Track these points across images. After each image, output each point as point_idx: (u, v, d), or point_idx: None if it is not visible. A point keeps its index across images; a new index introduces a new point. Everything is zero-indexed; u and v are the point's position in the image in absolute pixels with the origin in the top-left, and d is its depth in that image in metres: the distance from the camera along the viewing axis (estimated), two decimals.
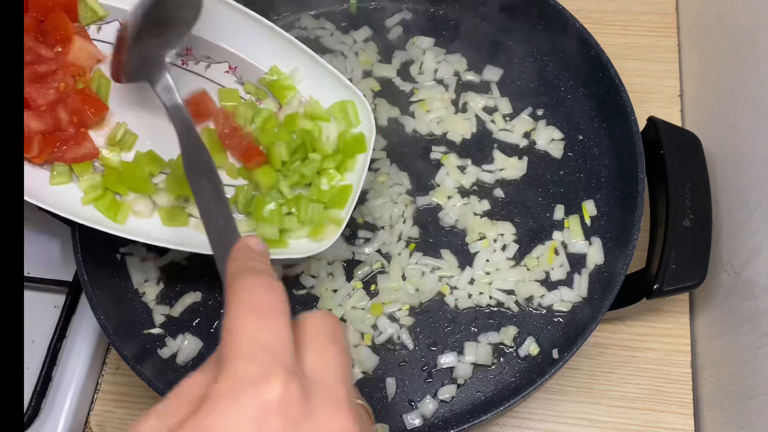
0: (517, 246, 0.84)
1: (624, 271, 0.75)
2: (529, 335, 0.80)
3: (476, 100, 0.93)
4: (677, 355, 0.86)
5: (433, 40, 0.98)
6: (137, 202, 0.75)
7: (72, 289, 0.89)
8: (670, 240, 0.75)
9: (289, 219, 0.76)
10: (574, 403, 0.84)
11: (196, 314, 0.84)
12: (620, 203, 0.84)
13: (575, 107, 0.92)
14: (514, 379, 0.78)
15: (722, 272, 0.83)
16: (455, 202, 0.87)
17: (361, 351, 0.80)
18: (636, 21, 1.07)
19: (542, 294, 0.82)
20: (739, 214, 0.80)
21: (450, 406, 0.78)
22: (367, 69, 0.97)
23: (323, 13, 1.02)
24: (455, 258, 0.84)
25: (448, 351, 0.80)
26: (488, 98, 0.93)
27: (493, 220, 0.86)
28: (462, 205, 0.87)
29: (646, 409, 0.83)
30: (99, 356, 0.89)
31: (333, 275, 0.84)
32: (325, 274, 0.84)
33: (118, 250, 0.86)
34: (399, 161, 0.90)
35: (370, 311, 0.82)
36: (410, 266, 0.84)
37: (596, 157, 0.89)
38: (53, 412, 0.83)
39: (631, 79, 0.98)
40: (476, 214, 0.86)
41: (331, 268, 0.84)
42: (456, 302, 0.82)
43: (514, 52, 0.96)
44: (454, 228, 0.86)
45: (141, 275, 0.85)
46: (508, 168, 0.89)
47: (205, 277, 0.85)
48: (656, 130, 0.82)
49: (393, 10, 1.01)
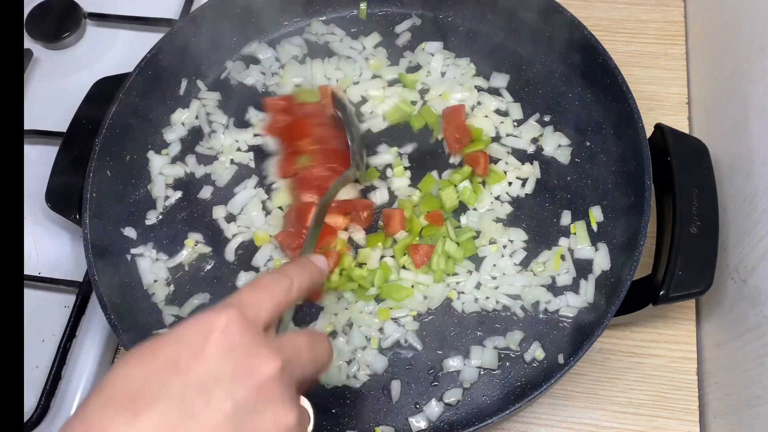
0: (525, 252, 0.85)
1: (630, 277, 0.75)
2: (535, 340, 0.80)
3: (489, 103, 0.94)
4: (683, 361, 0.86)
5: (441, 44, 0.99)
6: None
7: (82, 290, 0.89)
8: (676, 246, 0.76)
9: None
10: (579, 409, 0.84)
11: None
12: (627, 209, 0.85)
13: (583, 114, 0.92)
14: (519, 384, 0.79)
15: (729, 279, 0.83)
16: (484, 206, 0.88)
17: (368, 353, 0.80)
18: (644, 29, 1.08)
19: (548, 299, 0.82)
20: (746, 221, 0.80)
21: (455, 410, 0.78)
22: (377, 74, 0.98)
23: (333, 18, 1.03)
24: (469, 261, 0.85)
25: (454, 355, 0.80)
26: (500, 101, 0.94)
27: (506, 226, 0.87)
28: (486, 210, 0.88)
29: (652, 416, 0.83)
30: (108, 356, 0.90)
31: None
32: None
33: (129, 251, 0.87)
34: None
35: (377, 316, 0.82)
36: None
37: (603, 164, 0.89)
38: (62, 411, 0.84)
39: (639, 87, 0.99)
40: (497, 219, 0.87)
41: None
42: (463, 306, 0.82)
43: (522, 59, 0.97)
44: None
45: (151, 276, 0.86)
46: (523, 174, 0.90)
47: (214, 279, 0.86)
48: (663, 137, 0.82)
49: (402, 16, 1.02)
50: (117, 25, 1.12)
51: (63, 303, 0.91)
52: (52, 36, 1.09)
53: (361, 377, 0.80)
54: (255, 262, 0.87)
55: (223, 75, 1.00)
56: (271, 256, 0.87)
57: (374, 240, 0.85)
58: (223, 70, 1.00)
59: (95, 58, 1.10)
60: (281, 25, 1.03)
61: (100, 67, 1.07)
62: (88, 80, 0.94)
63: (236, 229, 0.89)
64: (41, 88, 1.08)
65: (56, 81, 1.08)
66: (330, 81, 0.98)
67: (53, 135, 0.99)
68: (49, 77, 1.09)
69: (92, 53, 1.11)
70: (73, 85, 1.02)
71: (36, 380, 0.85)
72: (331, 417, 0.78)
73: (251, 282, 0.55)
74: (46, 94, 1.07)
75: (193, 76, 0.98)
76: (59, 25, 1.10)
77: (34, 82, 1.09)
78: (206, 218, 0.90)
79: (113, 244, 0.86)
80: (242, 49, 1.01)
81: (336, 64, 0.99)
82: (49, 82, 1.08)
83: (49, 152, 0.94)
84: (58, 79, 1.09)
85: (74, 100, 0.92)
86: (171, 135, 0.95)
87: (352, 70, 0.98)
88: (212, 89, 0.99)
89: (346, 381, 0.80)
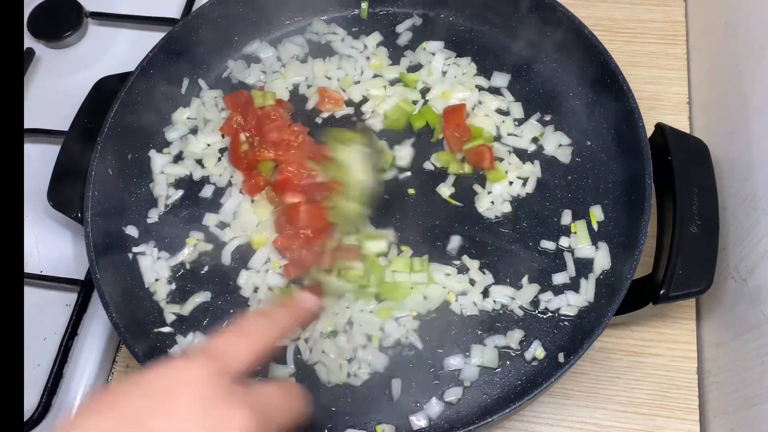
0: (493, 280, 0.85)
1: (630, 276, 0.75)
2: (535, 339, 0.81)
3: (491, 102, 0.94)
4: (683, 361, 0.86)
5: (442, 43, 0.99)
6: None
7: (84, 288, 0.90)
8: (676, 246, 0.76)
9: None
10: (579, 408, 0.84)
11: (206, 313, 0.85)
12: (627, 209, 0.85)
13: (583, 113, 0.93)
14: (519, 382, 0.79)
15: (729, 279, 0.83)
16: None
17: (368, 352, 0.81)
18: (645, 29, 1.08)
19: (549, 298, 0.82)
20: (746, 220, 0.80)
21: (456, 408, 0.78)
22: (378, 73, 0.98)
23: (334, 18, 1.03)
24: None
25: (454, 353, 0.80)
26: (501, 101, 0.94)
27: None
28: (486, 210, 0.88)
29: (652, 415, 0.83)
30: (110, 354, 0.90)
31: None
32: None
33: (130, 250, 0.88)
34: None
35: (377, 314, 0.82)
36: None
37: (604, 163, 0.89)
38: (64, 409, 0.84)
39: (639, 86, 0.99)
40: (497, 216, 0.87)
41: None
42: (461, 308, 0.83)
43: (523, 58, 0.97)
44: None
45: (152, 274, 0.87)
46: (523, 173, 0.90)
47: (215, 278, 0.86)
48: (664, 137, 0.82)
49: (403, 16, 1.02)
50: (119, 24, 1.12)
51: (65, 301, 0.91)
52: (54, 35, 1.10)
53: (362, 375, 0.80)
54: (252, 265, 0.87)
55: (224, 74, 1.00)
56: (269, 258, 0.87)
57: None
58: (224, 69, 1.00)
59: (97, 57, 1.10)
60: (282, 25, 1.03)
61: (102, 66, 1.07)
62: (89, 79, 0.94)
63: (231, 233, 0.89)
64: (43, 87, 1.08)
65: (58, 80, 1.09)
66: (331, 80, 0.98)
67: (55, 134, 1.00)
68: (51, 76, 1.09)
69: (94, 52, 1.11)
70: (75, 84, 1.02)
71: (38, 378, 0.85)
72: (332, 415, 0.78)
73: (230, 327, 0.53)
74: (48, 93, 1.07)
75: (195, 75, 0.99)
76: (61, 24, 1.10)
77: (36, 81, 1.09)
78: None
79: (115, 242, 0.87)
80: (243, 49, 1.01)
81: (337, 63, 0.99)
82: (51, 81, 1.09)
83: (51, 151, 0.94)
84: (60, 78, 1.09)
85: (76, 99, 0.92)
86: (172, 134, 0.95)
87: (353, 70, 0.98)
88: (213, 88, 0.99)
89: (347, 379, 0.80)
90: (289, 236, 0.86)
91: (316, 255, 0.82)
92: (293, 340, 0.82)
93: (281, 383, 0.55)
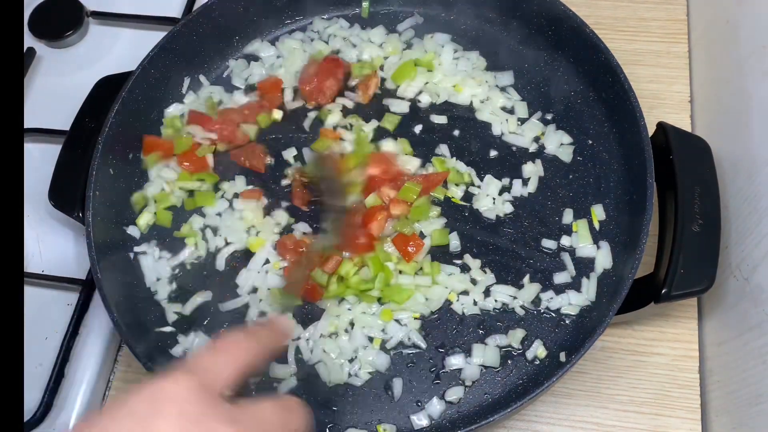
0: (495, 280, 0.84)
1: (632, 275, 0.75)
2: (536, 338, 0.81)
3: (497, 99, 0.94)
4: (685, 360, 0.86)
5: (449, 36, 0.99)
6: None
7: (85, 287, 0.90)
8: (678, 245, 0.76)
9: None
10: (581, 407, 0.84)
11: (207, 313, 0.85)
12: (629, 208, 0.85)
13: (585, 112, 0.92)
14: (521, 382, 0.79)
15: (731, 278, 0.83)
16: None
17: (370, 351, 0.81)
18: (647, 27, 1.07)
19: (550, 297, 0.82)
20: (748, 219, 0.80)
21: (457, 408, 0.78)
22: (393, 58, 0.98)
23: (336, 17, 1.03)
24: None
25: (456, 353, 0.80)
26: (507, 99, 0.94)
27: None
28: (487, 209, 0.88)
29: (654, 414, 0.83)
30: (111, 353, 0.90)
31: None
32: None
33: (132, 249, 0.88)
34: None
35: (379, 316, 0.82)
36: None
37: (605, 162, 0.89)
38: (66, 408, 0.85)
39: (641, 85, 0.98)
40: (499, 216, 0.87)
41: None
42: (463, 308, 0.83)
43: (524, 57, 0.97)
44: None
45: (153, 274, 0.87)
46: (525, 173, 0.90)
47: (217, 277, 0.86)
48: (666, 136, 0.82)
49: (404, 14, 1.02)
50: (120, 23, 1.12)
51: (66, 301, 0.91)
52: (55, 34, 1.10)
53: (363, 375, 0.80)
54: (252, 266, 0.86)
55: (225, 73, 1.00)
56: (268, 258, 0.87)
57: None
58: (225, 69, 1.00)
59: (98, 57, 1.10)
60: (283, 24, 1.03)
61: (103, 65, 1.07)
62: (91, 79, 0.95)
63: (222, 241, 0.88)
64: (44, 86, 1.08)
65: (59, 79, 1.09)
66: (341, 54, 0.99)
67: (56, 133, 1.00)
68: (52, 76, 1.09)
69: (95, 52, 1.11)
70: (76, 83, 1.02)
71: (39, 378, 0.85)
72: (333, 414, 0.78)
73: (212, 343, 0.53)
74: (49, 93, 1.07)
75: (196, 74, 0.98)
76: (62, 23, 1.10)
77: (37, 80, 1.09)
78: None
79: (116, 242, 0.87)
80: (244, 48, 1.01)
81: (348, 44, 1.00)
82: (52, 81, 1.09)
83: (52, 150, 0.94)
84: (61, 78, 1.09)
85: (77, 98, 0.93)
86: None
87: (364, 52, 0.99)
88: (215, 86, 0.99)
89: (348, 379, 0.80)
90: (290, 237, 0.86)
91: (317, 258, 0.82)
92: (294, 340, 0.82)
93: (278, 400, 0.54)
